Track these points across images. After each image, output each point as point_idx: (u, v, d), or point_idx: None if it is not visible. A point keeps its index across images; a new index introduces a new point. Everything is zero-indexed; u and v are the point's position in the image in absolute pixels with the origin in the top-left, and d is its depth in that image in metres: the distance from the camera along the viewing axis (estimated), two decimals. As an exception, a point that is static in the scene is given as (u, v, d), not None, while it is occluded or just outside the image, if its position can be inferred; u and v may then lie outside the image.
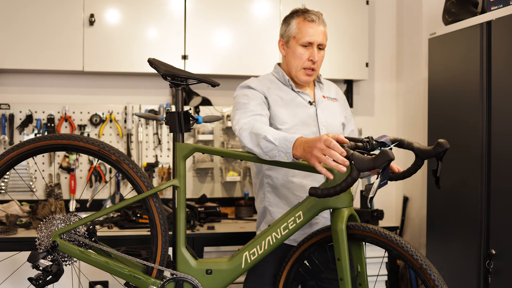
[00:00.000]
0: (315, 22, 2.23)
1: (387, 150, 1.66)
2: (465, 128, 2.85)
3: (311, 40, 2.23)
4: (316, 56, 2.24)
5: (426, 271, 1.76)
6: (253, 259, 1.93)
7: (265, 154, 1.92)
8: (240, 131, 2.05)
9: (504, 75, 2.60)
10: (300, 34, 2.24)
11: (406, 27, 3.90)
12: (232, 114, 2.21)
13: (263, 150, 1.92)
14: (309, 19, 2.23)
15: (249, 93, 2.23)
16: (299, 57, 2.25)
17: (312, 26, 2.23)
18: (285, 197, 2.26)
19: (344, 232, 1.84)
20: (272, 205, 2.28)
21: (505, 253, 2.57)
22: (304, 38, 2.23)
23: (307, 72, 2.27)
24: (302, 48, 2.25)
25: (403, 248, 1.79)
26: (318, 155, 1.71)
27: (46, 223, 1.99)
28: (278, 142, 1.88)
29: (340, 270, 1.84)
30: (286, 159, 1.88)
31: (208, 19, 3.45)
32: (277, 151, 1.88)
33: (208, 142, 3.64)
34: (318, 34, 2.24)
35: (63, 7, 3.25)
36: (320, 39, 2.24)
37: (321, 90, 2.38)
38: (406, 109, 3.92)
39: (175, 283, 1.94)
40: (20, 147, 1.98)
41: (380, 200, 3.77)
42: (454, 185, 2.93)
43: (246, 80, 2.33)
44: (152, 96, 3.67)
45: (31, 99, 3.51)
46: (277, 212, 2.26)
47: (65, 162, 3.46)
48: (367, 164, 1.66)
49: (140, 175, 1.97)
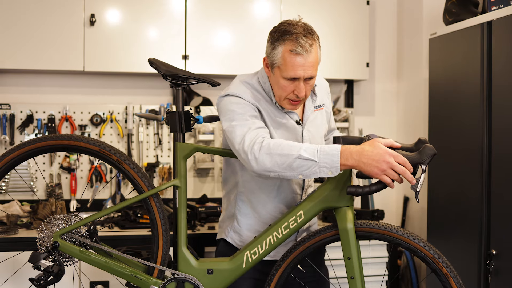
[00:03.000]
0: (302, 55, 1.89)
1: (431, 145, 1.72)
2: (466, 128, 2.85)
3: (297, 76, 1.92)
4: (302, 91, 1.95)
5: (438, 260, 1.80)
6: (254, 258, 1.93)
7: (298, 174, 1.77)
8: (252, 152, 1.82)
9: (504, 75, 2.60)
10: (284, 67, 1.92)
11: (407, 27, 3.90)
12: (227, 126, 1.95)
13: (296, 170, 1.76)
14: (295, 53, 1.89)
15: (242, 102, 2.00)
16: (283, 89, 1.96)
17: (299, 59, 1.90)
18: (256, 210, 2.13)
19: (353, 230, 1.85)
20: (242, 214, 2.15)
21: (506, 253, 2.57)
22: (288, 73, 1.92)
23: (292, 102, 2.00)
24: (286, 81, 1.94)
25: (414, 240, 1.81)
26: (388, 171, 1.68)
27: (47, 223, 1.99)
28: (318, 157, 1.73)
29: (350, 269, 1.85)
30: (330, 174, 1.74)
31: (208, 19, 3.45)
32: (317, 168, 1.74)
33: (208, 142, 3.64)
34: (306, 68, 1.91)
35: (63, 7, 3.25)
36: (308, 73, 1.92)
37: (313, 102, 2.16)
38: (406, 109, 3.92)
39: (176, 283, 1.94)
40: (20, 147, 1.98)
41: (380, 200, 3.77)
42: (455, 185, 2.93)
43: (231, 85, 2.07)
44: (153, 96, 3.67)
45: (31, 99, 3.51)
46: (246, 223, 2.14)
47: (66, 162, 3.46)
48: (411, 160, 1.70)
49: (141, 175, 1.97)
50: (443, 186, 3.05)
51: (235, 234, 2.17)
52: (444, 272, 1.80)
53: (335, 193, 1.87)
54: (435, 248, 1.82)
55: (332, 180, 1.88)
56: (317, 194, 1.90)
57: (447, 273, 1.80)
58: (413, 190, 1.73)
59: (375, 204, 3.52)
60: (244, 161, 1.86)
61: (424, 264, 2.72)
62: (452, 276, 1.79)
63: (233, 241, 2.18)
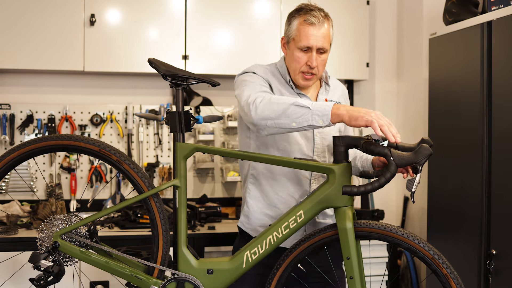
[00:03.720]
0: (315, 25, 2.08)
1: (427, 145, 1.73)
2: (466, 128, 2.85)
3: (309, 44, 2.09)
4: (314, 61, 2.11)
5: (438, 260, 1.79)
6: (254, 258, 1.93)
7: (292, 121, 1.85)
8: (254, 103, 1.93)
9: (504, 75, 2.60)
10: (299, 37, 2.10)
11: (407, 27, 3.90)
12: (239, 91, 2.09)
13: (291, 116, 1.85)
14: (308, 22, 2.08)
15: (254, 76, 2.16)
16: (297, 61, 2.13)
17: (312, 29, 2.08)
18: (265, 193, 2.22)
19: (353, 230, 1.85)
20: (251, 197, 2.24)
21: (506, 253, 2.57)
22: (302, 42, 2.10)
23: (306, 76, 2.15)
24: (300, 52, 2.12)
25: (414, 240, 1.81)
26: (377, 118, 1.75)
27: (47, 223, 1.99)
28: (312, 106, 1.83)
29: (349, 269, 1.85)
30: (321, 122, 1.82)
31: (208, 19, 3.45)
32: (310, 115, 1.83)
33: (208, 142, 3.64)
34: (318, 38, 2.09)
35: (64, 7, 3.25)
36: (320, 43, 2.09)
37: (326, 92, 2.28)
38: (406, 109, 3.92)
39: (177, 283, 1.94)
40: (20, 148, 1.97)
41: (380, 200, 3.77)
42: (455, 185, 2.93)
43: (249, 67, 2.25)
44: (153, 96, 3.67)
45: (31, 99, 3.52)
46: (254, 206, 2.23)
47: (66, 162, 3.47)
48: (407, 159, 1.72)
49: (141, 175, 1.97)
50: (443, 186, 3.05)
51: (244, 218, 2.26)
52: (444, 273, 1.79)
53: (335, 192, 1.87)
54: (435, 249, 1.82)
55: (332, 180, 1.88)
56: (317, 194, 1.90)
57: (447, 274, 1.79)
58: (409, 190, 1.74)
59: (375, 204, 3.52)
60: (246, 114, 1.97)
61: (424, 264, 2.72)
62: (452, 277, 1.79)
63: (242, 225, 2.27)
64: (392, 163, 1.72)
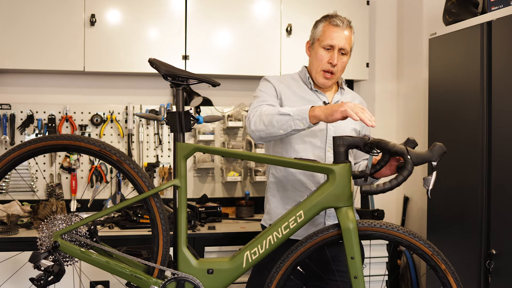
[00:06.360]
0: (339, 26, 2.28)
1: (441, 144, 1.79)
2: (466, 128, 2.85)
3: (333, 43, 2.28)
4: (335, 59, 2.28)
5: (436, 257, 1.84)
6: (254, 258, 1.93)
7: (279, 129, 2.04)
8: (249, 119, 2.17)
9: (504, 75, 2.60)
10: (323, 37, 2.30)
11: (407, 27, 3.91)
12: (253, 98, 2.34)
13: (276, 125, 2.05)
14: (333, 24, 2.29)
15: (265, 85, 2.35)
16: (320, 58, 2.30)
17: (336, 30, 2.28)
18: (284, 188, 2.32)
19: (356, 230, 1.86)
20: (272, 195, 2.36)
21: (506, 253, 2.57)
22: (326, 40, 2.28)
23: (326, 75, 2.31)
24: (323, 51, 2.30)
25: (414, 238, 1.85)
26: (350, 108, 1.89)
27: (47, 223, 1.99)
28: (293, 112, 2.01)
29: (353, 268, 1.86)
30: (302, 125, 2.00)
31: (209, 19, 3.45)
32: (292, 121, 2.01)
33: (209, 142, 3.64)
34: (341, 38, 2.28)
35: (64, 7, 3.25)
36: (342, 43, 2.28)
37: (341, 95, 2.41)
38: (406, 109, 3.92)
39: (177, 283, 1.94)
40: (21, 147, 1.98)
41: (380, 200, 3.77)
42: (455, 185, 2.94)
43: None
44: (153, 96, 3.67)
45: (32, 99, 3.52)
46: (276, 202, 2.34)
47: (66, 162, 3.47)
48: (423, 157, 1.78)
49: (141, 175, 1.97)
50: (443, 186, 3.05)
51: (267, 215, 2.39)
52: (442, 268, 1.85)
53: (335, 193, 1.88)
54: (434, 246, 1.85)
55: (332, 180, 1.88)
56: (317, 194, 1.90)
57: (445, 269, 1.85)
58: (426, 187, 1.78)
59: (375, 204, 3.52)
60: (247, 127, 2.20)
61: (423, 262, 2.72)
62: (450, 272, 1.85)
63: (265, 222, 2.38)
64: (409, 161, 1.76)
